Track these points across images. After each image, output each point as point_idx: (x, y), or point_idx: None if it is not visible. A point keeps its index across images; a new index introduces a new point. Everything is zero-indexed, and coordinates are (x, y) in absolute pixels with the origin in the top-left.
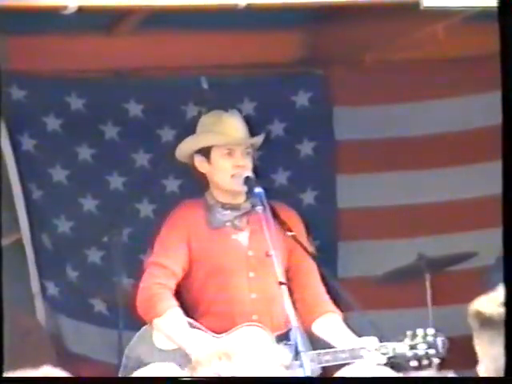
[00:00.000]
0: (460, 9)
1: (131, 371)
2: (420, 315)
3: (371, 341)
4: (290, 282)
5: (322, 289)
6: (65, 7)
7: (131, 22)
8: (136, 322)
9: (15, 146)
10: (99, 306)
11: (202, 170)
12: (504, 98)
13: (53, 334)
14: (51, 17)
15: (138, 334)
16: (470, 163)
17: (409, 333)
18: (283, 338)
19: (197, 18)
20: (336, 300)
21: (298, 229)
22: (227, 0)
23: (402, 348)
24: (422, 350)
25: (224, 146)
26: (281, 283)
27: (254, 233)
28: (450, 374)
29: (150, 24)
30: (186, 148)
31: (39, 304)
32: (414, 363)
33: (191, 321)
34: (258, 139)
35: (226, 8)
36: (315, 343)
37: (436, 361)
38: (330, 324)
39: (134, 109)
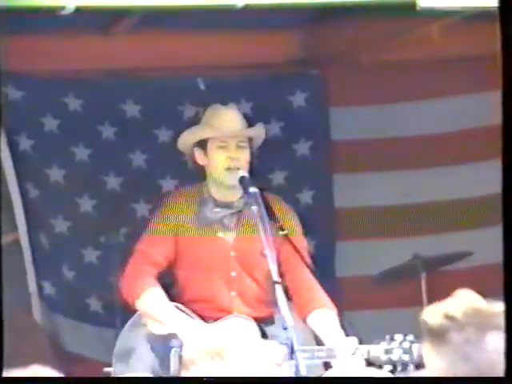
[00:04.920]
0: (456, 9)
1: (122, 358)
2: (416, 314)
3: (349, 341)
4: (282, 277)
5: (316, 283)
6: (62, 7)
7: (128, 22)
8: None
9: (12, 146)
10: (95, 305)
11: (201, 163)
12: (504, 98)
13: (49, 333)
14: (48, 17)
15: (130, 321)
16: (466, 163)
17: (387, 337)
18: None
19: (194, 18)
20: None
21: (291, 222)
22: (225, 0)
23: (376, 351)
24: (396, 354)
25: (218, 139)
26: (275, 282)
27: (241, 233)
28: None
29: (147, 24)
30: (184, 140)
31: (36, 303)
32: (388, 367)
33: (179, 305)
34: (252, 131)
35: (224, 8)
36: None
37: (411, 367)
38: (324, 319)
39: (131, 109)
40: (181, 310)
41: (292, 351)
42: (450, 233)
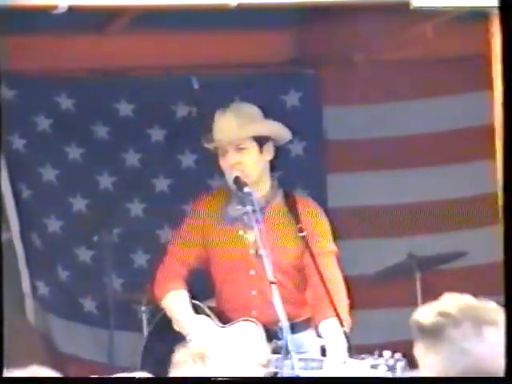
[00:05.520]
0: (449, 9)
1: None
2: (410, 314)
3: (339, 354)
4: (306, 282)
5: (323, 291)
6: (55, 7)
7: (122, 21)
8: (126, 322)
9: (5, 146)
10: (89, 305)
11: (220, 163)
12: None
13: (43, 333)
14: (41, 16)
15: (153, 321)
16: (460, 162)
17: (376, 352)
18: (276, 334)
19: (187, 17)
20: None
21: (318, 226)
22: (218, 0)
23: (363, 366)
24: (381, 371)
25: (220, 148)
26: (271, 282)
27: (261, 232)
28: None
29: (140, 24)
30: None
31: (29, 303)
32: None
33: (200, 304)
34: (249, 132)
35: (217, 8)
36: None
37: None
38: (329, 330)
39: (125, 108)
40: (201, 312)
41: (287, 351)
42: (445, 232)
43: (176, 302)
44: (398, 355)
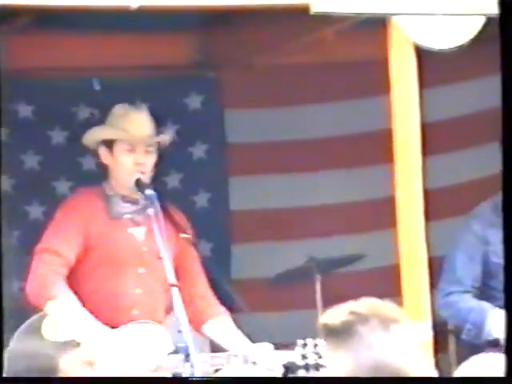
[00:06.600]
0: (349, 15)
1: (15, 363)
2: (310, 316)
3: (266, 347)
4: (179, 283)
5: (210, 291)
6: None
7: (22, 22)
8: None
9: None
10: None
11: (105, 161)
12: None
13: None
14: None
15: (27, 323)
16: (358, 166)
17: (299, 342)
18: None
19: (89, 19)
20: (227, 302)
21: (188, 231)
22: (119, 2)
23: (294, 357)
24: (312, 359)
25: (126, 142)
26: (172, 285)
27: (150, 230)
28: None
29: (41, 24)
30: (92, 137)
31: None
32: (302, 372)
33: (84, 310)
34: (163, 138)
35: (118, 10)
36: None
37: (323, 370)
38: (222, 327)
39: (24, 110)
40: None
41: (187, 354)
42: (344, 235)
43: (62, 306)
44: (321, 341)
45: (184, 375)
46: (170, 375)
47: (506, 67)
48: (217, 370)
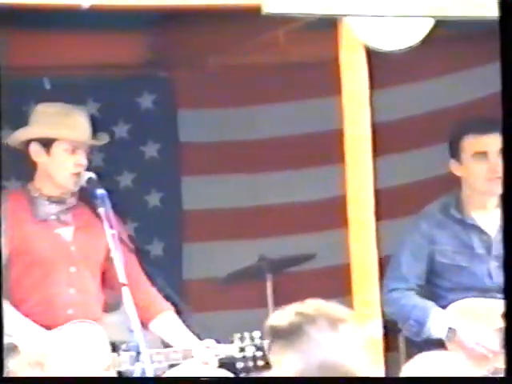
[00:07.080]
0: (300, 16)
1: None
2: (261, 315)
3: (204, 342)
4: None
5: (151, 287)
6: None
7: None
8: None
9: None
10: None
11: (37, 160)
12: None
13: None
14: None
15: None
16: (309, 166)
17: (236, 335)
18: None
19: (41, 17)
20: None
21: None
22: (70, 0)
23: (232, 350)
24: (250, 352)
25: (69, 142)
26: (123, 285)
27: (78, 229)
28: None
29: None
30: (23, 134)
31: None
32: (240, 365)
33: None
34: (102, 140)
35: (69, 8)
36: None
37: (261, 363)
38: (168, 323)
39: None
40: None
41: (138, 354)
42: (295, 235)
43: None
44: (258, 334)
45: (135, 374)
46: (123, 374)
47: (506, 67)
48: (172, 366)
